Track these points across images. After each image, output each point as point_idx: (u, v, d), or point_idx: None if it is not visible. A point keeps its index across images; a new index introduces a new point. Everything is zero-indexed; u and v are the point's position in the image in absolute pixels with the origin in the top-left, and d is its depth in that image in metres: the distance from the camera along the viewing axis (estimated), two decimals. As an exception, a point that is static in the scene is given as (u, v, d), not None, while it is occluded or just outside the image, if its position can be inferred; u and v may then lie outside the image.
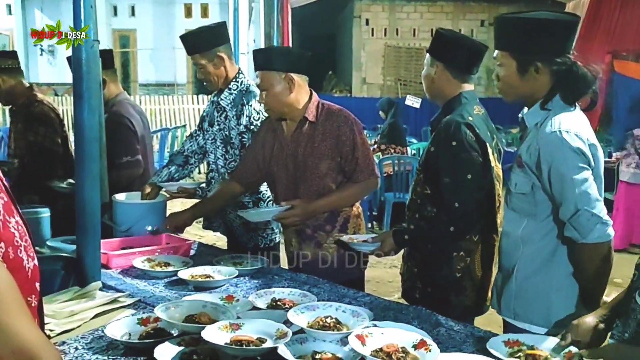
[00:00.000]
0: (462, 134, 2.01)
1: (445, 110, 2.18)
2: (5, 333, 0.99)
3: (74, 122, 2.07)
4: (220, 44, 2.70)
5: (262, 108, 2.55)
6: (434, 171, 2.11)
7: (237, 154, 2.72)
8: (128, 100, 3.34)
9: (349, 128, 2.36)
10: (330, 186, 2.39)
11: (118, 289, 2.03)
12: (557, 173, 1.70)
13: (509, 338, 1.57)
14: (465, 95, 2.17)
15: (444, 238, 2.10)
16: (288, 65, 2.33)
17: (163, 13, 13.45)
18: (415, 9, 14.27)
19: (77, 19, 2.02)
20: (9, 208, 1.19)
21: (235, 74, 2.75)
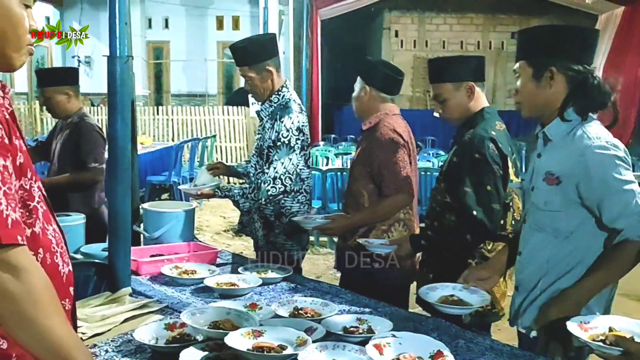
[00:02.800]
0: (485, 148, 2.11)
1: (467, 124, 2.24)
2: (41, 332, 1.06)
3: (107, 133, 2.17)
4: (269, 58, 2.73)
5: (292, 126, 2.65)
6: (455, 181, 2.18)
7: (265, 166, 2.74)
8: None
9: (380, 143, 2.51)
10: (361, 191, 2.59)
11: (147, 295, 2.10)
12: (612, 183, 1.67)
13: (581, 321, 1.55)
14: (487, 110, 2.26)
15: (460, 245, 2.17)
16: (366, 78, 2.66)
17: (195, 25, 13.72)
18: (445, 21, 14.26)
19: (113, 34, 2.11)
20: (47, 216, 1.27)
21: (280, 87, 2.77)
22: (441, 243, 2.26)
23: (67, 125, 3.42)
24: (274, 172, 2.63)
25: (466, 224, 2.12)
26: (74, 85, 3.46)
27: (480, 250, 2.19)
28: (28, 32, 1.22)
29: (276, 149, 2.66)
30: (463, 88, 2.25)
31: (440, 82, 2.29)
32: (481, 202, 2.09)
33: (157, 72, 14.16)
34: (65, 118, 3.45)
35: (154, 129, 11.17)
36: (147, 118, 11.12)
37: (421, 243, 2.28)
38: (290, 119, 2.64)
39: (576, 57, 1.77)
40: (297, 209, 2.76)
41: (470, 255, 2.19)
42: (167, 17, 13.85)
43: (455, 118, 2.30)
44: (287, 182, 2.64)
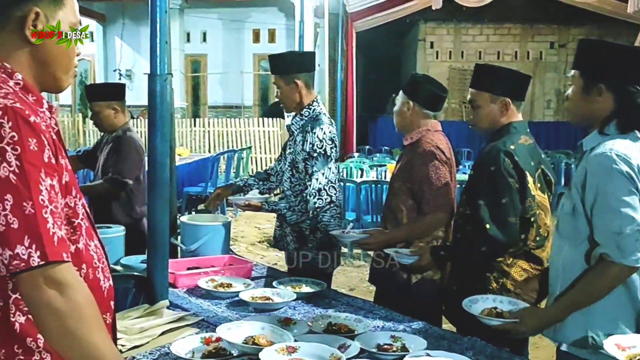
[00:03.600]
0: (500, 160, 2.12)
1: (493, 138, 2.27)
2: (84, 347, 1.10)
3: (148, 148, 2.22)
4: (300, 72, 2.82)
5: (325, 136, 2.70)
6: (473, 193, 2.22)
7: (301, 179, 2.78)
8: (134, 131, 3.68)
9: (422, 160, 2.50)
10: (400, 207, 2.58)
11: (184, 308, 2.14)
12: (604, 193, 1.69)
13: (617, 341, 1.54)
14: (515, 125, 2.26)
15: (476, 258, 2.18)
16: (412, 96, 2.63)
17: (232, 39, 13.94)
18: (481, 32, 14.14)
19: (153, 53, 2.17)
20: (90, 233, 1.31)
21: (310, 102, 2.84)
22: (459, 255, 2.30)
23: (112, 139, 3.52)
24: (317, 183, 2.68)
25: (481, 237, 2.14)
26: (121, 100, 3.56)
27: (499, 265, 2.18)
28: (76, 55, 1.29)
29: (313, 160, 2.71)
30: (499, 102, 2.25)
31: (479, 89, 2.30)
32: (495, 215, 2.10)
33: (194, 85, 14.42)
34: (111, 132, 3.55)
35: (191, 140, 11.36)
36: (184, 130, 11.33)
37: (440, 254, 2.32)
38: (322, 129, 2.71)
39: (629, 78, 1.77)
40: (327, 221, 2.78)
41: (489, 269, 2.18)
42: (205, 30, 14.12)
43: (482, 127, 2.32)
44: (331, 192, 2.71)
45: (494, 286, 2.17)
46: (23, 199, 1.07)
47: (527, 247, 2.17)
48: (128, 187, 3.44)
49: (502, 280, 2.17)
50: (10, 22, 1.20)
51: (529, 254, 2.18)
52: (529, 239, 2.17)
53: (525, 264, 2.18)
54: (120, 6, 13.11)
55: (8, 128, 1.08)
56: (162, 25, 2.16)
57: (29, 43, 1.22)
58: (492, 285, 2.17)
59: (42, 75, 1.25)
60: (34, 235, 1.06)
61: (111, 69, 13.84)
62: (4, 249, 1.05)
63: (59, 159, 1.19)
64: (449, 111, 14.14)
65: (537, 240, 2.18)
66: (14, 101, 1.12)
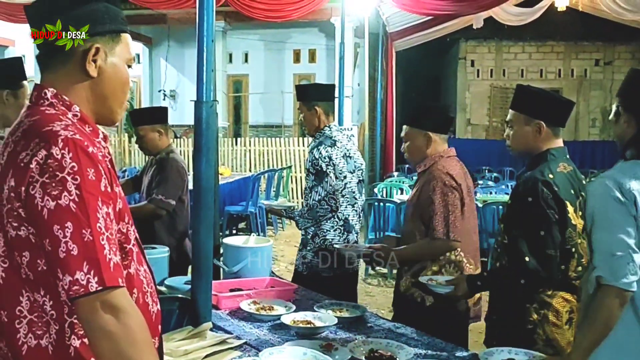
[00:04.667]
0: (538, 191, 2.07)
1: (530, 165, 2.22)
2: None
3: (193, 173, 2.28)
4: (321, 100, 3.24)
5: (320, 155, 3.10)
6: (511, 224, 2.18)
7: (308, 186, 3.19)
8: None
9: (432, 187, 2.52)
10: (414, 232, 2.61)
11: (227, 330, 2.17)
12: (598, 218, 1.72)
13: None
14: (553, 152, 2.20)
15: (515, 289, 2.12)
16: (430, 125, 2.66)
17: (273, 59, 14.15)
18: (524, 50, 13.97)
19: (200, 81, 2.24)
20: (140, 257, 1.36)
21: (324, 127, 3.23)
22: (497, 285, 2.24)
23: (156, 161, 3.62)
24: (317, 195, 3.10)
25: (520, 270, 2.08)
26: (164, 123, 3.67)
27: (540, 296, 2.11)
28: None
29: (312, 176, 3.14)
30: (533, 124, 2.21)
31: (516, 110, 2.28)
32: (534, 248, 2.05)
33: (236, 104, 14.67)
34: (155, 154, 3.65)
35: (232, 159, 11.53)
36: (226, 149, 11.51)
37: (477, 284, 2.26)
38: (319, 150, 3.13)
39: None
40: (327, 230, 3.13)
41: (529, 299, 2.12)
42: (247, 51, 14.39)
43: (516, 149, 2.30)
44: (331, 203, 3.09)
45: (535, 317, 2.11)
46: (82, 226, 1.12)
47: (568, 279, 2.11)
48: (171, 208, 3.52)
49: (544, 311, 2.10)
50: (72, 58, 1.27)
51: (570, 285, 2.11)
52: (570, 269, 2.11)
53: (568, 295, 2.11)
54: (165, 29, 13.49)
55: (69, 159, 1.14)
56: (208, 53, 2.23)
57: (89, 77, 1.28)
58: (532, 316, 2.11)
59: (99, 108, 1.32)
60: (92, 262, 1.11)
61: (156, 90, 14.22)
62: (64, 274, 1.10)
63: (113, 187, 1.24)
64: (490, 130, 13.97)
65: (579, 270, 2.11)
66: (73, 133, 1.18)
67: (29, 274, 1.16)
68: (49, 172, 1.13)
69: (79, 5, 1.27)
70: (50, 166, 1.13)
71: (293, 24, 12.33)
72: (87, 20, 1.26)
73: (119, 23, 1.31)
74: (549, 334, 2.09)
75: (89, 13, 1.27)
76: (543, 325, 2.10)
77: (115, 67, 1.31)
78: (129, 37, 1.35)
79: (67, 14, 1.25)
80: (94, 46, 1.26)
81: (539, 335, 2.10)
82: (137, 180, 3.88)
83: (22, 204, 1.14)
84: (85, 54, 1.26)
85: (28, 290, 1.17)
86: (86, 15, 1.26)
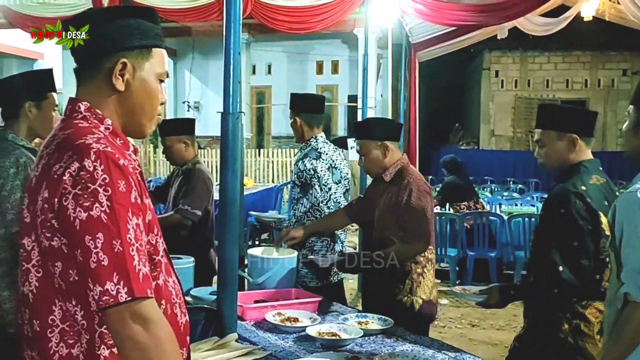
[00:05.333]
0: (570, 203, 2.09)
1: (562, 178, 2.24)
2: None
3: (220, 184, 2.30)
4: (304, 112, 3.37)
5: (305, 167, 3.21)
6: (543, 235, 2.20)
7: (294, 198, 3.32)
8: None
9: (407, 193, 2.69)
10: (391, 238, 2.69)
11: (252, 341, 2.17)
12: (627, 231, 1.70)
13: None
14: (585, 164, 2.22)
15: (548, 299, 2.15)
16: (383, 135, 2.82)
17: (296, 70, 14.26)
18: (549, 60, 13.83)
19: (227, 93, 2.26)
20: (168, 269, 1.37)
21: (310, 137, 3.36)
22: (529, 295, 2.28)
23: (182, 172, 3.65)
24: (303, 207, 3.24)
25: (553, 280, 2.11)
26: (191, 134, 3.70)
27: (573, 306, 2.13)
28: (159, 104, 1.37)
29: (298, 188, 3.28)
30: (566, 139, 2.23)
31: (544, 129, 2.30)
32: (567, 258, 2.08)
33: (259, 116, 14.79)
34: (181, 165, 3.68)
35: (255, 170, 11.60)
36: (249, 160, 11.59)
37: (510, 293, 2.30)
38: (304, 162, 3.24)
39: None
40: (314, 241, 3.20)
41: (562, 309, 2.14)
42: (270, 63, 14.53)
43: (552, 166, 2.31)
44: (316, 214, 3.21)
45: (566, 328, 2.12)
46: (113, 237, 1.13)
47: (602, 288, 2.09)
48: (197, 219, 3.54)
49: (576, 321, 2.11)
50: (100, 72, 1.29)
51: (604, 295, 2.07)
52: (604, 279, 2.11)
53: (601, 306, 2.09)
54: (190, 42, 13.69)
55: (100, 171, 1.16)
56: (235, 65, 2.24)
57: (116, 91, 1.30)
58: (564, 326, 2.12)
59: (127, 121, 1.34)
60: (122, 272, 1.12)
61: (180, 101, 14.42)
62: (94, 284, 1.12)
63: (143, 199, 1.25)
64: (515, 141, 13.83)
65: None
66: (105, 145, 1.20)
67: (62, 284, 1.18)
68: (81, 184, 1.15)
69: (108, 21, 1.29)
70: (83, 178, 1.15)
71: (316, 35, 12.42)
72: (114, 35, 1.28)
73: (150, 38, 1.33)
74: (580, 344, 2.10)
75: (117, 28, 1.29)
76: (575, 335, 2.11)
77: (144, 81, 1.32)
78: (162, 52, 1.36)
79: (95, 29, 1.28)
80: (120, 61, 1.28)
81: (570, 345, 2.11)
82: (160, 191, 3.92)
83: (55, 214, 1.16)
84: (112, 69, 1.28)
85: (60, 300, 1.19)
86: (114, 30, 1.28)
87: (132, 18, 1.31)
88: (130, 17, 1.31)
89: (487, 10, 8.06)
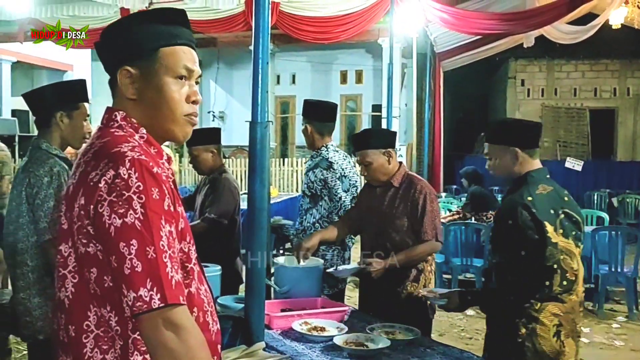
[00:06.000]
0: (517, 214, 2.22)
1: (512, 189, 2.37)
2: None
3: (248, 192, 2.31)
4: (315, 120, 3.42)
5: (316, 178, 3.33)
6: (495, 245, 2.37)
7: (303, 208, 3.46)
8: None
9: (423, 197, 2.83)
10: (407, 241, 2.83)
11: (279, 350, 2.17)
12: None
13: None
14: (532, 174, 2.33)
15: (504, 304, 2.28)
16: (385, 142, 2.93)
17: (320, 80, 14.31)
18: (576, 68, 13.65)
19: (255, 102, 2.27)
20: (200, 277, 1.37)
21: (321, 146, 3.43)
22: (486, 300, 2.44)
23: (209, 180, 3.68)
24: (312, 218, 3.38)
25: (506, 287, 2.27)
26: (218, 143, 3.73)
27: (527, 310, 2.24)
28: (184, 103, 1.33)
29: (309, 198, 3.40)
30: (509, 152, 2.35)
31: (491, 143, 2.45)
32: (515, 267, 2.22)
33: (283, 125, 14.87)
34: (208, 174, 3.72)
35: (279, 179, 11.64)
36: (273, 169, 11.63)
37: (467, 298, 2.44)
38: (314, 173, 3.36)
39: None
40: (325, 250, 3.28)
41: (518, 314, 2.25)
42: (295, 73, 14.60)
43: (501, 177, 2.45)
44: (325, 225, 3.29)
45: (523, 332, 2.23)
46: (146, 244, 1.14)
47: (553, 293, 2.23)
48: (223, 227, 3.56)
49: (532, 325, 2.23)
50: (115, 82, 1.32)
51: (557, 299, 2.24)
52: (554, 285, 2.22)
53: (555, 308, 2.23)
54: (215, 52, 13.85)
55: (135, 178, 1.17)
56: (263, 75, 2.26)
57: (130, 99, 1.31)
58: (521, 330, 2.24)
59: (153, 128, 1.32)
60: (155, 279, 1.13)
61: (205, 111, 14.56)
62: (128, 290, 1.13)
63: (176, 207, 1.26)
64: (542, 150, 13.66)
65: (564, 285, 2.23)
66: (140, 154, 1.21)
67: (96, 290, 1.20)
68: (116, 191, 1.16)
69: (118, 32, 1.32)
70: (118, 185, 1.16)
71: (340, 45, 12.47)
72: (121, 45, 1.30)
73: (154, 41, 1.30)
74: (537, 346, 2.23)
75: (124, 38, 1.31)
76: (532, 338, 2.23)
77: (156, 85, 1.30)
78: (177, 49, 1.32)
79: (108, 41, 1.33)
80: (123, 69, 1.29)
81: (528, 348, 2.23)
82: (190, 199, 3.96)
83: (90, 221, 1.18)
84: (113, 81, 1.31)
85: (95, 306, 1.20)
86: (122, 40, 1.31)
87: (134, 25, 1.31)
88: (132, 25, 1.31)
89: (514, 19, 8.00)
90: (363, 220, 3.02)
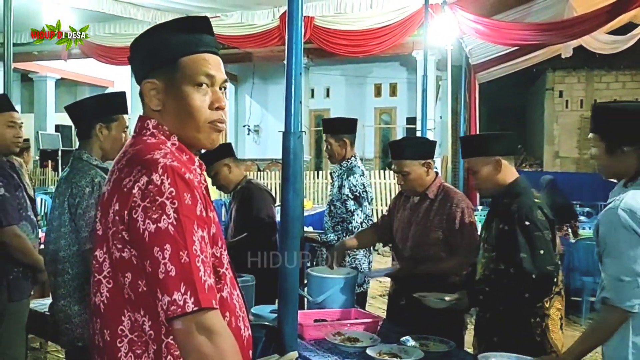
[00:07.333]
0: (534, 214, 2.31)
1: (507, 195, 2.40)
2: None
3: (281, 202, 2.32)
4: (347, 133, 3.65)
5: (357, 182, 3.51)
6: (509, 248, 2.33)
7: (339, 214, 3.58)
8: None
9: (461, 211, 2.78)
10: (440, 255, 2.80)
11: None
12: (609, 245, 1.88)
13: None
14: (520, 182, 2.44)
15: (519, 303, 2.32)
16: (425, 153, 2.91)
17: (355, 93, 14.34)
18: (617, 79, 13.35)
19: (288, 112, 2.28)
20: (233, 282, 1.38)
21: (350, 156, 3.65)
22: (499, 300, 2.41)
23: (238, 193, 3.68)
24: (359, 218, 3.51)
25: (525, 286, 2.28)
26: (231, 156, 3.69)
27: (541, 309, 2.32)
28: (207, 110, 1.33)
29: (352, 201, 3.50)
30: (491, 162, 2.43)
31: (470, 157, 2.52)
32: (537, 265, 2.26)
33: (317, 139, 14.91)
34: (233, 188, 3.71)
35: (313, 192, 11.67)
36: (307, 182, 11.66)
37: (479, 298, 2.43)
38: (355, 178, 3.54)
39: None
40: (356, 252, 3.50)
41: (532, 314, 2.31)
42: (329, 86, 14.67)
43: (487, 189, 2.53)
44: (369, 224, 3.47)
45: (539, 330, 2.31)
46: (180, 248, 1.16)
47: (557, 288, 2.35)
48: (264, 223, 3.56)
49: (545, 321, 2.32)
50: (142, 95, 1.35)
51: (559, 293, 2.37)
52: (559, 280, 2.35)
53: (558, 303, 2.36)
54: (250, 67, 14.05)
55: (167, 184, 1.19)
56: (296, 86, 2.27)
57: (155, 111, 1.34)
58: (537, 329, 2.31)
59: (180, 136, 1.34)
60: (188, 283, 1.14)
61: (240, 125, 14.75)
62: (163, 294, 1.14)
63: (208, 212, 1.28)
64: (581, 162, 13.33)
65: (561, 279, 2.38)
66: (172, 160, 1.24)
67: (131, 294, 1.21)
68: (149, 197, 1.18)
69: (140, 47, 1.35)
70: (151, 191, 1.18)
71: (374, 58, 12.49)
72: (142, 59, 1.34)
73: (173, 51, 1.31)
74: (551, 341, 2.32)
75: (146, 51, 1.34)
76: (546, 334, 2.32)
77: (177, 95, 1.31)
78: (198, 57, 1.32)
79: (134, 56, 1.37)
80: (145, 83, 1.32)
81: (545, 344, 2.30)
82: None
83: (125, 227, 1.20)
84: (142, 92, 1.34)
85: (129, 310, 1.22)
86: (143, 54, 1.34)
87: (154, 35, 1.33)
88: (154, 36, 1.34)
89: (551, 29, 7.85)
90: (394, 230, 3.02)
